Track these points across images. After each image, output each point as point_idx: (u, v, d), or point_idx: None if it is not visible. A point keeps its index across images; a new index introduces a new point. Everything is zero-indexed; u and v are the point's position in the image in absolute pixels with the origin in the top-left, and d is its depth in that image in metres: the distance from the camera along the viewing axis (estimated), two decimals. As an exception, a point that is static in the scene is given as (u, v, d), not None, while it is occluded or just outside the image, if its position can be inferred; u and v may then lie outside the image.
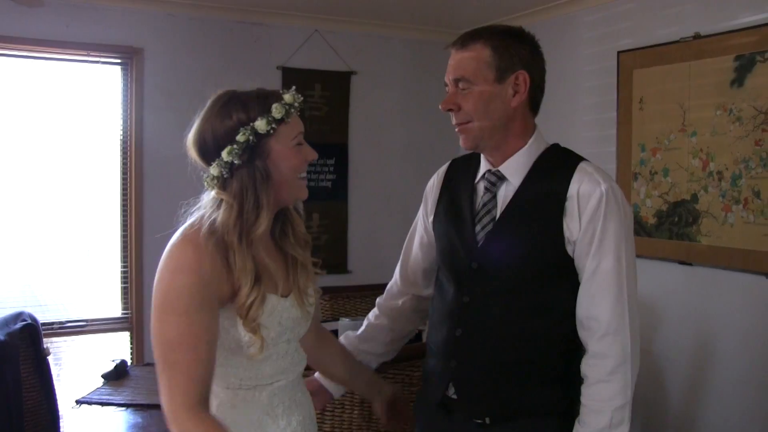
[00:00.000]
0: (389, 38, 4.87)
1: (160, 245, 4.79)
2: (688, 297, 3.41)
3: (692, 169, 3.34)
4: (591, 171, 1.65)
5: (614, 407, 1.59)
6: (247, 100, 1.52)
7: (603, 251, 1.59)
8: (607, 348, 1.58)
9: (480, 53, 1.65)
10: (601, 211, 1.59)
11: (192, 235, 1.49)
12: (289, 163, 1.54)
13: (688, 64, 3.33)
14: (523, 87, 1.65)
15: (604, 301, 1.59)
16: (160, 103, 4.24)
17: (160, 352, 1.41)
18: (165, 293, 1.43)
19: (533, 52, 1.69)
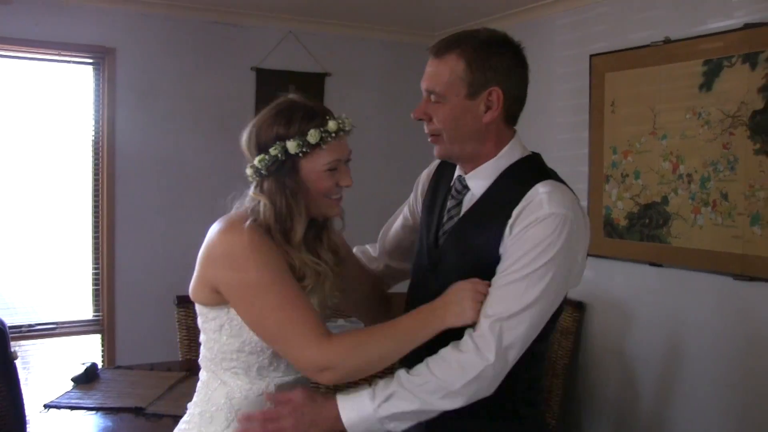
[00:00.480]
0: (364, 39, 4.86)
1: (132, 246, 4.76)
2: (659, 298, 3.44)
3: (663, 172, 3.37)
4: (544, 194, 1.54)
5: (429, 397, 1.49)
6: (295, 115, 1.56)
7: (517, 274, 1.50)
8: (475, 353, 1.48)
9: (454, 66, 1.59)
10: (531, 234, 1.51)
11: (238, 221, 1.55)
12: (318, 185, 1.58)
13: (659, 68, 3.36)
14: (495, 104, 1.60)
15: (495, 311, 1.50)
16: (133, 103, 4.22)
17: (273, 320, 1.48)
18: (244, 268, 1.49)
19: (513, 64, 1.63)
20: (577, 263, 1.57)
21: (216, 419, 1.60)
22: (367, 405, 1.48)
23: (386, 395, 1.47)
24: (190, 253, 4.73)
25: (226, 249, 1.51)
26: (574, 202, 1.58)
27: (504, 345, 1.48)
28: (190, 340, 3.68)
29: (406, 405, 1.47)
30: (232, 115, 4.50)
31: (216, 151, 4.45)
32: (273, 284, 1.48)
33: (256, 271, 1.48)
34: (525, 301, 1.48)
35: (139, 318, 4.25)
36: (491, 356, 1.46)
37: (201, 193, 4.43)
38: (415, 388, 1.47)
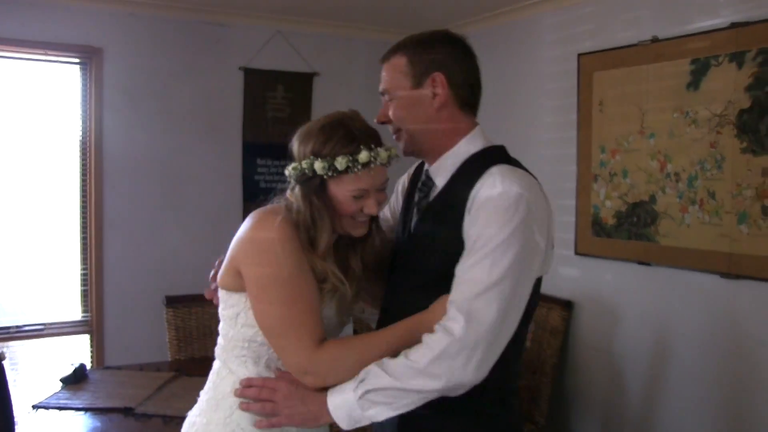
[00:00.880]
0: (351, 39, 4.86)
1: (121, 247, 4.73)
2: (647, 296, 3.44)
3: (650, 171, 3.38)
4: (497, 174, 1.56)
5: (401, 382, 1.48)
6: (335, 135, 1.58)
7: (477, 255, 1.50)
8: (441, 331, 1.48)
9: (397, 64, 1.69)
10: (485, 213, 1.52)
11: (272, 215, 1.59)
12: (343, 207, 1.61)
13: (647, 67, 3.37)
14: (441, 88, 1.65)
15: (461, 296, 1.49)
16: (120, 103, 4.20)
17: (276, 314, 1.54)
18: (266, 263, 1.54)
19: (453, 53, 1.69)
20: (540, 247, 1.55)
21: (221, 406, 1.64)
22: (348, 386, 1.51)
23: (363, 374, 1.49)
24: (178, 253, 4.79)
25: (254, 241, 1.56)
26: (533, 185, 1.58)
27: (473, 322, 1.46)
28: (179, 340, 3.69)
29: (379, 381, 1.47)
30: (221, 115, 4.52)
31: (204, 151, 4.48)
32: (287, 281, 1.53)
33: (277, 267, 1.53)
34: (492, 278, 1.47)
35: (128, 318, 4.24)
36: (457, 331, 1.45)
37: (189, 193, 4.44)
38: (388, 366, 1.49)
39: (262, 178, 4.66)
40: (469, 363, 1.45)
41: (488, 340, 1.47)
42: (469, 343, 1.45)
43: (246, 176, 4.62)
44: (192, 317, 3.77)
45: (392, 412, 1.51)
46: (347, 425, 1.53)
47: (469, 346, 1.45)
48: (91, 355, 4.22)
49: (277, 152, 4.61)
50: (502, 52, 4.33)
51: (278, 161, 4.68)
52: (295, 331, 1.53)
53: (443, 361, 1.45)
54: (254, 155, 4.63)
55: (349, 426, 1.53)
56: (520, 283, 1.51)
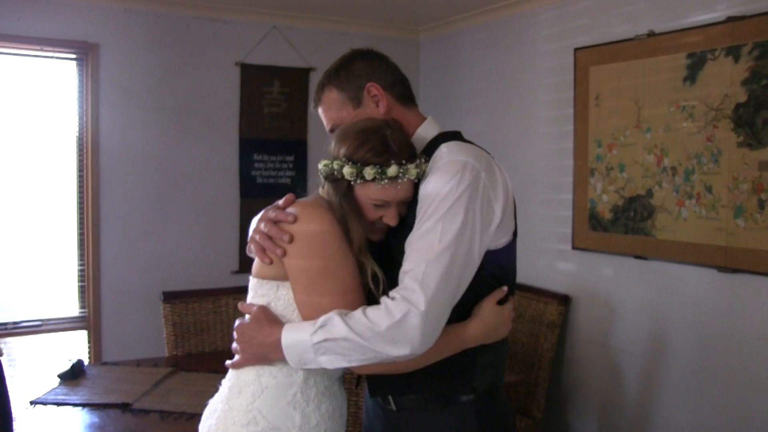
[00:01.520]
0: (348, 34, 4.84)
1: (118, 243, 4.75)
2: (643, 290, 3.45)
3: (647, 165, 3.38)
4: (444, 147, 1.63)
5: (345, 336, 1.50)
6: (369, 142, 1.59)
7: (427, 223, 1.53)
8: (402, 300, 1.50)
9: (330, 98, 1.75)
10: (431, 183, 1.56)
11: (316, 206, 1.61)
12: (365, 212, 1.63)
13: (643, 61, 3.37)
14: (380, 95, 1.71)
15: (415, 264, 1.51)
16: (117, 99, 4.20)
17: (331, 303, 1.55)
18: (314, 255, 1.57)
19: (370, 63, 1.75)
20: (495, 214, 1.58)
21: (244, 393, 1.64)
22: (307, 329, 1.52)
23: (324, 320, 1.51)
24: (175, 249, 4.79)
25: (302, 233, 1.57)
26: (481, 156, 1.62)
27: (428, 290, 1.48)
28: (176, 336, 3.68)
29: (337, 331, 1.49)
30: (217, 111, 4.51)
31: (201, 146, 4.47)
32: (338, 272, 1.56)
33: (325, 258, 1.56)
34: (443, 245, 1.50)
35: (125, 314, 4.23)
36: (419, 303, 1.47)
37: (186, 188, 4.44)
38: (349, 320, 1.50)
39: (259, 174, 4.65)
40: (425, 330, 1.47)
41: (441, 303, 1.50)
42: (424, 310, 1.47)
43: (243, 172, 4.61)
44: (189, 313, 3.77)
45: (344, 364, 1.53)
46: (296, 364, 1.56)
47: (425, 312, 1.47)
48: (89, 351, 4.21)
49: (274, 147, 4.63)
50: (498, 47, 4.33)
51: (275, 156, 4.68)
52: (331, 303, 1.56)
53: (402, 329, 1.47)
54: (251, 151, 4.62)
55: (297, 366, 1.56)
56: (472, 249, 1.55)
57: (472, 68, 4.59)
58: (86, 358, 4.20)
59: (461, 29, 4.68)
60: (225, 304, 3.87)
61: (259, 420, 1.61)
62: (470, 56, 4.61)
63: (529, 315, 3.94)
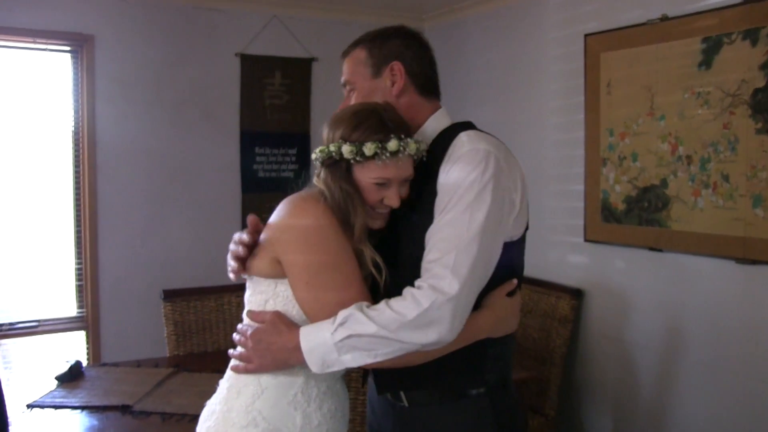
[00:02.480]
0: (351, 23, 4.82)
1: (116, 240, 4.73)
2: (658, 283, 3.43)
3: (661, 154, 3.35)
4: (464, 136, 1.66)
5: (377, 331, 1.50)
6: (366, 122, 1.61)
7: (453, 212, 1.56)
8: (429, 288, 1.52)
9: (357, 56, 1.80)
10: (455, 172, 1.59)
11: (311, 200, 1.62)
12: (365, 195, 1.63)
13: (656, 46, 3.34)
14: (399, 76, 1.75)
15: (443, 253, 1.53)
16: (113, 92, 4.19)
17: (335, 300, 1.55)
18: (313, 250, 1.57)
19: (408, 44, 1.80)
20: (515, 203, 1.63)
21: (243, 393, 1.64)
22: (326, 328, 1.52)
23: (344, 317, 1.51)
24: (175, 246, 4.79)
25: (299, 228, 1.59)
26: (500, 146, 1.66)
27: (458, 278, 1.50)
28: (177, 335, 3.67)
29: (361, 327, 1.50)
30: (217, 104, 4.51)
31: (200, 141, 4.47)
32: (339, 266, 1.57)
33: (325, 253, 1.57)
34: (471, 233, 1.53)
35: (125, 314, 4.23)
36: (445, 288, 1.50)
37: (186, 184, 4.44)
38: (371, 313, 1.51)
39: (261, 168, 4.65)
40: (455, 319, 1.50)
41: (470, 293, 1.54)
42: (454, 299, 1.49)
43: (244, 166, 4.61)
44: (190, 311, 3.76)
45: (369, 360, 1.53)
46: (319, 368, 1.55)
47: (457, 300, 1.50)
48: (87, 351, 4.21)
49: (276, 141, 4.63)
50: (505, 34, 4.30)
51: (277, 150, 4.68)
52: (340, 300, 1.56)
53: (433, 316, 1.48)
54: (252, 144, 4.62)
55: (320, 369, 1.55)
56: (495, 238, 1.59)
57: (478, 57, 4.56)
58: (84, 359, 4.20)
59: (467, 17, 4.65)
60: (228, 302, 3.86)
61: (259, 421, 1.61)
62: (476, 45, 4.58)
63: (541, 310, 3.92)
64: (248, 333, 1.63)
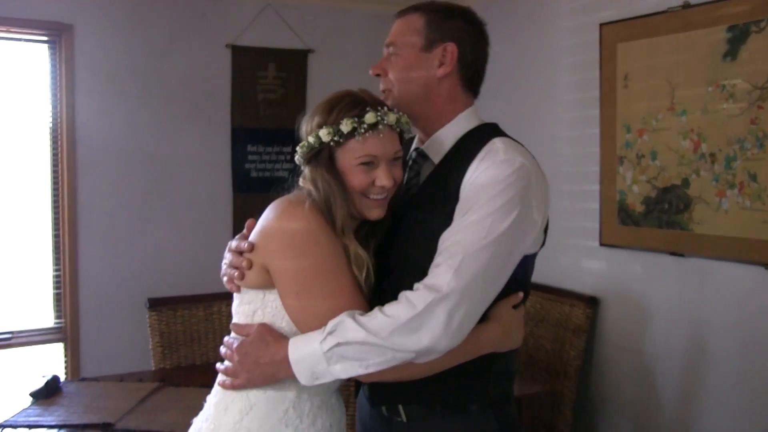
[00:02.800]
0: (350, 12, 4.83)
1: (98, 245, 4.70)
2: (680, 291, 3.41)
3: (682, 152, 3.34)
4: (500, 143, 1.67)
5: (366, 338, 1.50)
6: (340, 103, 1.65)
7: (473, 216, 1.56)
8: (425, 289, 1.51)
9: (413, 21, 1.78)
10: (485, 178, 1.59)
11: (298, 203, 1.62)
12: (353, 181, 1.64)
13: (677, 36, 3.32)
14: (450, 59, 1.75)
15: (450, 255, 1.53)
16: (94, 86, 4.18)
17: (327, 309, 1.55)
18: (302, 255, 1.57)
19: (470, 30, 1.80)
20: (537, 223, 1.64)
21: (231, 410, 1.64)
22: (315, 338, 1.52)
23: (334, 325, 1.51)
24: (161, 250, 4.78)
25: (286, 233, 1.59)
26: (533, 160, 1.68)
27: (461, 278, 1.50)
28: (163, 347, 3.68)
29: (350, 334, 1.49)
30: (207, 97, 4.53)
31: (188, 138, 4.47)
32: (330, 272, 1.57)
33: (315, 258, 1.57)
34: (488, 239, 1.53)
35: (107, 324, 4.22)
36: (444, 287, 1.48)
37: (172, 184, 4.43)
38: (362, 319, 1.51)
39: (254, 167, 4.65)
40: (451, 322, 1.48)
41: (473, 299, 1.52)
42: (454, 300, 1.49)
43: (235, 165, 4.61)
44: (178, 321, 3.77)
45: (361, 371, 1.52)
46: (307, 380, 1.55)
47: (454, 302, 1.48)
48: (65, 365, 4.20)
49: (270, 138, 4.63)
50: (514, 23, 4.29)
51: (271, 148, 4.68)
52: (335, 306, 1.56)
53: (426, 318, 1.48)
54: (244, 142, 4.62)
55: (309, 381, 1.55)
56: (513, 252, 1.60)
57: (485, 47, 4.52)
58: (62, 373, 4.19)
59: (472, 4, 4.60)
60: (218, 311, 3.88)
61: None
62: (483, 34, 4.54)
63: (553, 319, 3.91)
64: (234, 346, 1.63)
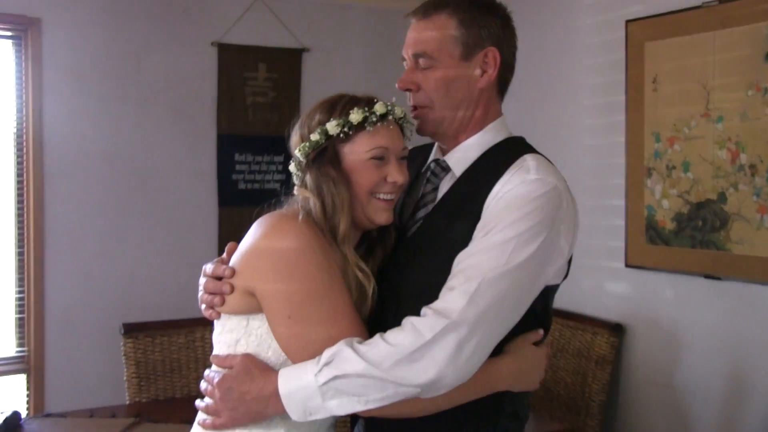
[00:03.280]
0: (347, 7, 4.85)
1: (67, 264, 4.64)
2: (717, 318, 3.39)
3: (718, 163, 3.33)
4: (533, 161, 1.65)
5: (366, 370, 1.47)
6: (340, 101, 1.67)
7: (494, 239, 1.54)
8: (434, 315, 1.49)
9: (445, 25, 1.71)
10: (513, 197, 1.58)
11: (289, 219, 1.61)
12: (362, 178, 1.65)
13: (713, 33, 3.32)
14: (492, 66, 1.73)
15: (466, 279, 1.51)
16: (65, 86, 4.18)
17: (321, 335, 1.53)
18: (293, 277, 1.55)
19: (505, 27, 1.77)
20: (564, 253, 1.62)
21: None
22: (309, 369, 1.49)
23: (330, 355, 1.48)
24: (138, 271, 4.73)
25: (275, 252, 1.57)
26: (564, 181, 1.66)
27: (474, 306, 1.47)
28: (140, 378, 3.65)
29: (348, 366, 1.46)
30: (190, 101, 4.55)
31: (169, 145, 4.47)
32: (325, 296, 1.56)
33: (308, 279, 1.55)
34: (509, 265, 1.51)
35: (76, 353, 4.19)
36: (456, 315, 1.46)
37: (152, 196, 4.43)
38: (362, 348, 1.48)
39: (242, 178, 4.64)
40: (460, 354, 1.46)
41: (486, 331, 1.50)
42: (465, 329, 1.46)
43: (221, 175, 4.60)
44: (156, 349, 3.74)
45: (359, 407, 1.49)
46: (299, 416, 1.52)
47: (465, 332, 1.46)
48: (28, 399, 4.18)
49: (260, 146, 4.65)
50: (531, 20, 4.28)
51: (260, 157, 4.69)
52: (333, 334, 1.54)
53: (434, 348, 1.45)
54: (231, 150, 4.62)
55: (302, 417, 1.52)
56: (534, 282, 1.58)
57: (498, 47, 4.53)
58: (24, 408, 4.16)
59: None
60: (201, 338, 3.85)
61: None
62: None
63: (574, 348, 3.89)
64: (216, 381, 1.60)
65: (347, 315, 1.57)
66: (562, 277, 1.70)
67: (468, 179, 1.71)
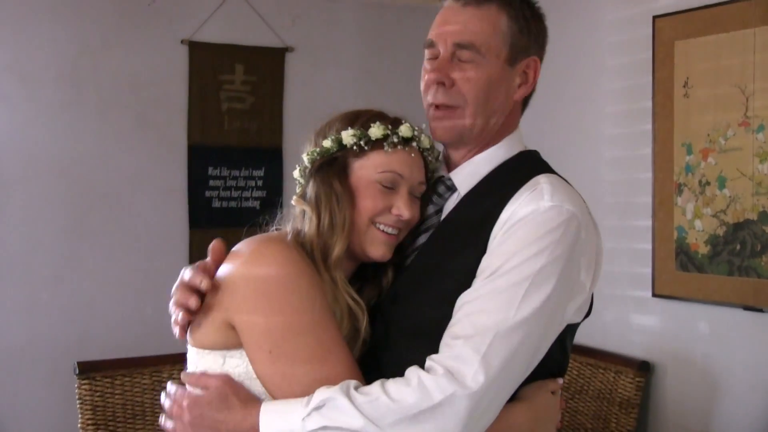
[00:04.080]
0: (336, 3, 4.88)
1: (11, 293, 4.60)
2: (758, 356, 3.38)
3: (759, 178, 3.33)
4: (547, 184, 1.65)
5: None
6: (362, 115, 1.72)
7: (505, 280, 1.55)
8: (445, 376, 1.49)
9: (494, 18, 1.71)
10: (525, 229, 1.58)
11: (275, 243, 1.64)
12: (366, 200, 1.68)
13: (753, 31, 3.32)
14: (532, 77, 1.77)
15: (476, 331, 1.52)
16: (12, 90, 4.20)
17: (305, 374, 1.56)
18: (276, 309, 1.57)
19: (545, 39, 1.82)
20: (585, 288, 1.64)
21: None
22: (296, 410, 1.50)
23: (322, 400, 1.48)
24: (95, 301, 4.73)
25: (257, 280, 1.58)
26: (583, 205, 1.68)
27: (489, 369, 1.47)
28: (97, 425, 3.63)
29: (342, 419, 1.46)
30: (157, 107, 4.57)
31: (133, 156, 4.47)
32: (310, 329, 1.57)
33: (291, 312, 1.57)
34: (521, 315, 1.51)
35: (22, 396, 4.18)
36: (471, 381, 1.46)
37: (112, 216, 4.42)
38: (359, 399, 1.48)
39: (216, 195, 4.65)
40: (471, 419, 1.47)
41: (500, 390, 1.53)
42: (480, 396, 1.47)
43: (193, 192, 4.61)
44: (116, 392, 3.72)
45: None
46: None
47: (479, 398, 1.47)
48: None
49: (237, 158, 4.67)
50: (547, 16, 4.24)
51: (238, 171, 4.70)
52: (327, 375, 1.56)
53: (443, 413, 1.46)
54: (204, 163, 4.63)
55: None
56: (549, 327, 1.60)
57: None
58: None
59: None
60: (168, 378, 3.78)
61: None
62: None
63: (595, 389, 3.88)
64: (185, 404, 1.61)
65: (336, 351, 1.58)
66: (584, 315, 1.71)
67: (473, 200, 1.73)
